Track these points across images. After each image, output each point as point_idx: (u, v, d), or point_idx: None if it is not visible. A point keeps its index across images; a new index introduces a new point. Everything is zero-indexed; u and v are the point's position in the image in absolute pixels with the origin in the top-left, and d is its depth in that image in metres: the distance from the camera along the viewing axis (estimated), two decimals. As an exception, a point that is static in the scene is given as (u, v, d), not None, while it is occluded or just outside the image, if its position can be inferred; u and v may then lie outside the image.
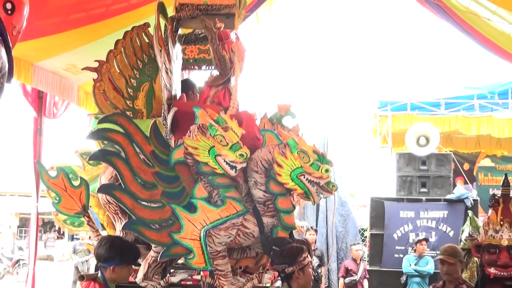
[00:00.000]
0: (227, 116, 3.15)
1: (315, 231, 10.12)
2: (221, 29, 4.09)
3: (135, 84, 4.26)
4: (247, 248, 3.45)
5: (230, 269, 3.30)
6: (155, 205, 3.17)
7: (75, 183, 3.74)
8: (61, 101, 8.09)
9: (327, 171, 3.09)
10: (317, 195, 3.17)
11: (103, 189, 3.35)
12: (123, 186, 3.14)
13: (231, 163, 3.05)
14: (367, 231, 11.39)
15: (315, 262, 9.41)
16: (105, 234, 4.06)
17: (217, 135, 3.06)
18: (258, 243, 3.31)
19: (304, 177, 3.10)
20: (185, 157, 3.15)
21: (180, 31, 4.41)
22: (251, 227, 3.21)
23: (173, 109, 3.47)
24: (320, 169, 3.09)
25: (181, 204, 3.17)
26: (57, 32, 6.17)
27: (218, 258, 3.21)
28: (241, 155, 3.03)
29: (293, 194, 3.31)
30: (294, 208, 3.31)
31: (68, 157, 4.69)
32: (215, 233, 3.16)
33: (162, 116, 3.90)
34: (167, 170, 3.20)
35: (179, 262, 4.09)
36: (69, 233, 24.47)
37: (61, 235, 27.07)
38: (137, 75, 4.28)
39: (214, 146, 3.06)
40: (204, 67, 5.18)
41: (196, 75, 5.75)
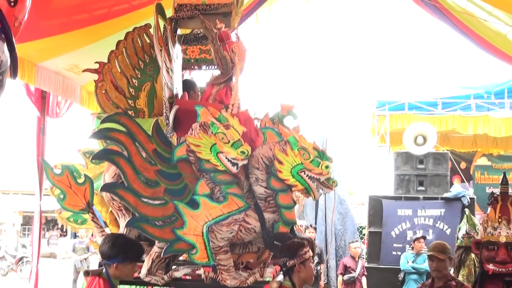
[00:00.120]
0: (228, 114, 3.16)
1: (314, 229, 10.14)
2: (221, 30, 4.10)
3: (136, 84, 4.27)
4: (249, 243, 3.47)
5: (232, 264, 3.31)
6: (158, 202, 3.18)
7: (79, 180, 3.75)
8: (64, 100, 8.11)
9: (327, 167, 3.11)
10: (318, 191, 3.19)
11: (106, 188, 3.36)
12: (126, 184, 3.15)
13: (232, 160, 3.06)
14: (365, 229, 11.38)
15: (315, 259, 9.42)
16: (108, 231, 4.08)
17: (218, 132, 3.07)
18: (260, 238, 3.33)
19: (305, 174, 3.12)
20: (187, 154, 3.16)
21: (180, 31, 4.43)
22: (253, 223, 3.22)
23: (175, 108, 3.48)
24: (320, 165, 3.10)
25: (184, 201, 3.18)
26: (60, 32, 6.18)
27: (221, 253, 3.23)
28: (242, 152, 3.04)
29: (294, 191, 3.33)
30: (295, 204, 3.33)
31: (71, 156, 4.70)
32: (217, 228, 3.18)
33: (164, 115, 3.92)
34: (169, 168, 3.21)
35: (179, 259, 4.11)
36: (72, 230, 24.48)
37: (64, 233, 27.10)
38: (139, 75, 4.30)
39: (216, 144, 3.08)
40: (205, 67, 5.19)
41: (197, 75, 5.78)
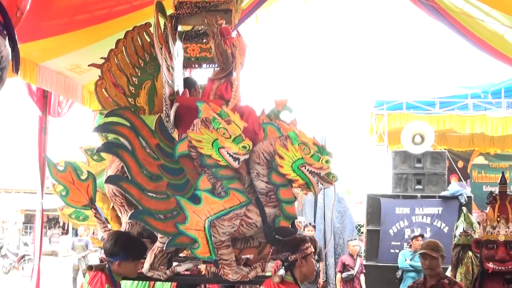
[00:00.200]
0: (229, 109, 3.17)
1: (313, 227, 10.15)
2: (222, 25, 4.11)
3: (136, 82, 4.28)
4: (250, 238, 3.47)
5: (234, 258, 3.31)
6: (161, 196, 3.19)
7: (82, 176, 3.76)
8: (66, 100, 8.11)
9: (327, 162, 3.11)
10: (318, 186, 3.20)
11: (110, 180, 3.36)
12: (129, 178, 3.15)
13: (234, 155, 3.06)
14: (363, 227, 11.41)
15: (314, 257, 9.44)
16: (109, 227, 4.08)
17: (220, 128, 3.07)
18: (261, 233, 3.32)
19: (305, 168, 3.11)
20: (189, 150, 3.16)
21: (180, 28, 4.44)
22: (254, 217, 3.22)
23: (175, 105, 3.49)
24: (320, 160, 3.11)
25: (186, 196, 3.18)
26: (62, 33, 6.19)
27: (222, 248, 3.23)
28: (243, 147, 3.05)
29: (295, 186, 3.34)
30: (296, 198, 3.34)
31: (72, 154, 4.71)
32: (219, 223, 3.18)
33: (164, 112, 3.93)
34: (172, 163, 3.21)
35: (180, 255, 4.11)
36: (73, 227, 24.50)
37: (65, 231, 27.13)
38: (139, 73, 4.30)
39: (217, 139, 3.07)
40: (205, 65, 5.19)
41: (198, 73, 5.79)
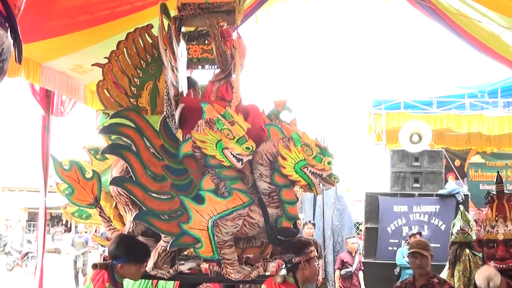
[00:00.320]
0: (232, 110, 3.16)
1: (313, 225, 10.14)
2: (223, 27, 4.10)
3: (138, 83, 4.26)
4: (252, 237, 3.46)
5: (236, 258, 3.30)
6: (165, 197, 3.18)
7: (87, 175, 3.75)
8: (68, 100, 8.11)
9: (329, 163, 3.11)
10: (320, 187, 3.20)
11: (115, 182, 3.35)
12: (134, 179, 3.14)
13: (237, 156, 3.06)
14: (362, 224, 11.44)
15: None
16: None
17: (224, 129, 3.06)
18: (263, 233, 3.31)
19: (308, 169, 3.11)
20: (193, 150, 3.16)
21: (183, 29, 4.42)
22: (257, 218, 3.22)
23: (181, 105, 3.48)
24: (322, 161, 3.10)
25: (190, 196, 3.17)
26: (64, 33, 6.18)
27: (225, 248, 3.22)
28: (247, 148, 3.04)
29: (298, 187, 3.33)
30: (298, 199, 3.33)
31: (75, 153, 4.71)
32: (222, 223, 3.17)
33: (165, 113, 3.92)
34: (176, 163, 3.21)
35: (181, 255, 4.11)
36: (76, 224, 24.51)
37: (68, 229, 27.12)
38: (141, 74, 4.29)
39: (221, 140, 3.07)
40: (207, 66, 5.18)
41: (199, 74, 5.78)
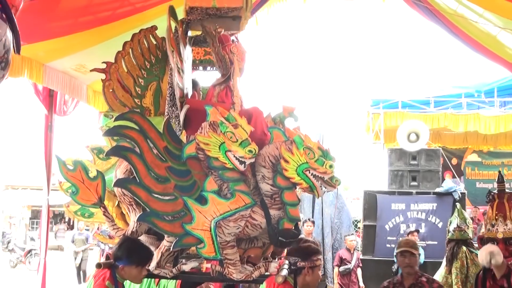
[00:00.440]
0: (236, 113, 3.16)
1: (312, 222, 10.14)
2: (221, 33, 4.09)
3: (143, 84, 4.27)
4: (254, 238, 3.45)
5: (238, 258, 3.29)
6: (168, 198, 3.17)
7: (91, 175, 3.74)
8: (71, 99, 8.12)
9: (331, 166, 3.10)
10: (321, 189, 3.19)
11: (119, 184, 3.34)
12: (138, 180, 3.14)
13: (240, 158, 3.05)
14: (360, 222, 11.43)
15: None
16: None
17: (227, 131, 3.06)
18: (265, 234, 3.31)
19: (310, 172, 3.10)
20: (196, 152, 3.15)
21: (190, 33, 4.42)
22: (259, 219, 3.21)
23: (186, 107, 3.48)
24: (324, 164, 3.09)
25: (193, 197, 3.17)
26: (67, 34, 6.19)
27: (228, 248, 3.22)
28: (250, 151, 3.03)
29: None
30: (299, 201, 3.33)
31: (77, 152, 4.70)
32: (224, 224, 3.17)
33: (166, 114, 3.92)
34: (179, 165, 3.20)
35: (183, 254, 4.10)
36: (78, 220, 24.52)
37: (70, 226, 27.11)
38: (145, 75, 4.29)
39: (224, 142, 3.06)
40: (209, 68, 5.19)
41: (201, 76, 5.77)
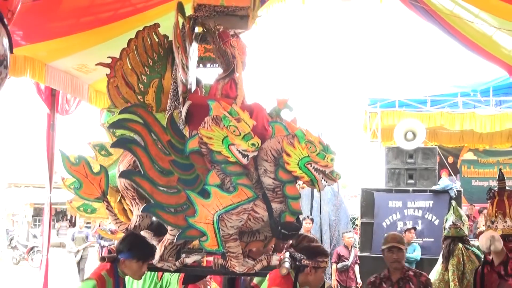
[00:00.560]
0: (238, 107, 3.16)
1: (311, 220, 10.14)
2: (220, 30, 4.10)
3: (145, 80, 4.28)
4: (256, 231, 3.46)
5: (241, 251, 3.30)
6: (172, 191, 3.18)
7: (95, 170, 3.74)
8: (73, 98, 8.10)
9: (332, 160, 3.11)
10: (322, 183, 3.19)
11: (124, 175, 3.34)
12: (142, 172, 3.14)
13: (243, 152, 3.06)
14: (358, 219, 11.41)
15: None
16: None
17: (230, 125, 3.06)
18: (267, 227, 3.31)
19: (311, 166, 3.11)
20: (199, 146, 3.15)
21: (197, 29, 4.42)
22: (261, 212, 3.21)
23: (188, 102, 3.48)
24: (325, 158, 3.10)
25: (196, 190, 3.18)
26: (69, 34, 6.18)
27: (230, 241, 3.22)
28: (252, 144, 3.04)
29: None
30: (300, 195, 3.33)
31: (79, 150, 4.70)
32: (227, 217, 3.17)
33: (168, 108, 3.92)
34: (182, 158, 3.21)
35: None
36: (80, 217, 24.51)
37: (72, 224, 27.07)
38: (148, 72, 4.30)
39: (227, 136, 3.07)
40: (209, 65, 5.18)
41: (201, 72, 5.76)
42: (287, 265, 3.31)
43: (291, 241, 3.62)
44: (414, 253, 9.14)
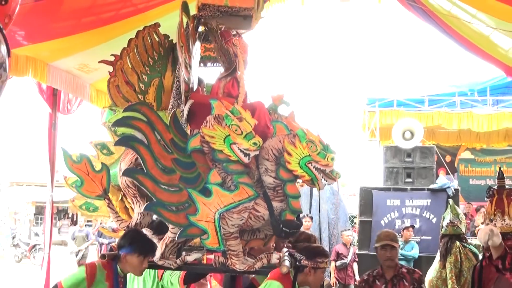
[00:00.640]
0: (240, 106, 3.16)
1: (311, 218, 10.14)
2: (221, 29, 4.09)
3: (146, 80, 4.26)
4: (256, 230, 3.44)
5: (241, 249, 3.30)
6: (173, 189, 3.17)
7: (96, 168, 3.73)
8: (74, 98, 8.07)
9: (332, 159, 3.11)
10: (322, 182, 3.19)
11: (127, 173, 3.33)
12: (145, 170, 3.14)
13: (245, 151, 3.05)
14: (356, 218, 11.43)
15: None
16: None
17: (232, 124, 3.06)
18: (268, 225, 3.31)
19: (312, 165, 3.11)
20: (201, 145, 3.15)
21: (200, 29, 4.41)
22: (262, 211, 3.21)
23: (190, 101, 3.47)
24: (326, 157, 3.10)
25: (197, 189, 3.17)
26: (70, 34, 6.15)
27: (231, 239, 3.22)
28: (254, 143, 3.04)
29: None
30: (300, 194, 3.33)
31: (81, 149, 4.69)
32: (228, 215, 3.17)
33: (170, 107, 3.91)
34: (184, 157, 3.20)
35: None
36: (81, 215, 24.48)
37: (74, 222, 27.06)
38: (148, 71, 4.28)
39: (229, 135, 3.06)
40: (209, 64, 5.17)
41: (201, 71, 5.75)
42: (287, 263, 3.30)
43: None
44: (412, 251, 9.15)
